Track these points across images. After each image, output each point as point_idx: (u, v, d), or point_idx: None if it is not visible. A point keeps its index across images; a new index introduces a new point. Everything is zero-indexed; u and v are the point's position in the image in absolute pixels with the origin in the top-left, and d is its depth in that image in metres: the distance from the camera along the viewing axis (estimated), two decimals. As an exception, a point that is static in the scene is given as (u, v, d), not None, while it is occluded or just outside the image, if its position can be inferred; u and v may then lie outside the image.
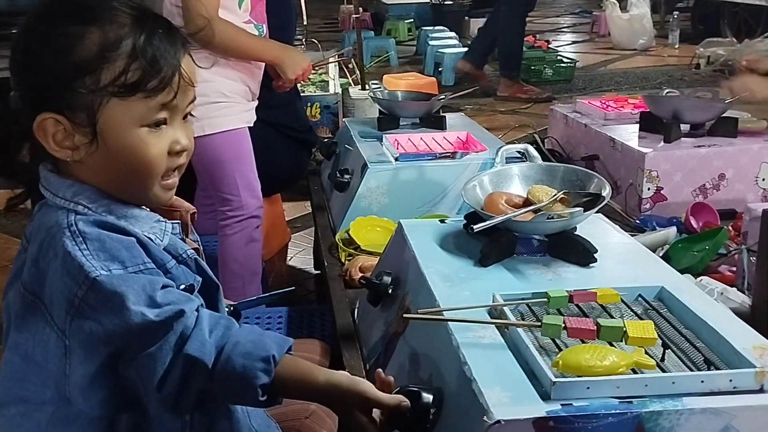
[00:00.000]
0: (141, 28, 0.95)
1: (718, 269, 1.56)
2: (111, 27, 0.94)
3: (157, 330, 0.88)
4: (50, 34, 0.93)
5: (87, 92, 0.92)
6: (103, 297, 0.88)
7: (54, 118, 0.93)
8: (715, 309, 1.07)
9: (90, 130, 0.94)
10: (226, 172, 2.02)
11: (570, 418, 0.82)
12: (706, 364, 0.93)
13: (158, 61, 0.95)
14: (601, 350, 0.90)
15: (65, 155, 0.95)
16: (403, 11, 8.59)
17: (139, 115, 0.95)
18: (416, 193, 1.82)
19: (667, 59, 6.93)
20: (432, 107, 2.21)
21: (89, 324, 0.88)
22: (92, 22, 0.93)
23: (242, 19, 1.99)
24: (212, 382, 0.89)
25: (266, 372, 0.90)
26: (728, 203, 1.90)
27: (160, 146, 0.97)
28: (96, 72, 0.92)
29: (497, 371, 0.91)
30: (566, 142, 2.39)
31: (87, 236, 0.91)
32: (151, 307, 0.88)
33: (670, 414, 0.84)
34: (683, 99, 2.24)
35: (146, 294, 0.88)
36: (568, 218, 1.23)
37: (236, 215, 2.04)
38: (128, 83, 0.93)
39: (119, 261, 0.90)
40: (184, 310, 0.90)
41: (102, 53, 0.92)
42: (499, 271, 1.20)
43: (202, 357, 0.88)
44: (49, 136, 0.94)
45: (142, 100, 0.94)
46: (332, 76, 4.24)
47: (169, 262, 0.98)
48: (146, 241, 0.96)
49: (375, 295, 1.29)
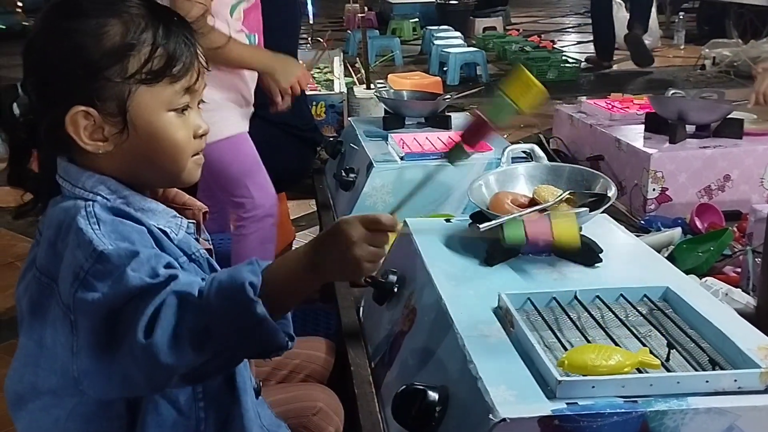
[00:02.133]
0: (157, 19, 0.98)
1: (723, 270, 1.56)
2: (130, 18, 0.96)
3: (156, 290, 0.86)
4: (68, 30, 0.95)
5: (116, 82, 0.94)
6: (110, 267, 0.88)
7: (85, 111, 0.94)
8: (719, 309, 1.08)
9: (120, 120, 0.96)
10: (234, 177, 2.02)
11: (575, 417, 0.83)
12: (711, 365, 0.93)
13: (179, 47, 0.98)
14: (607, 350, 0.90)
15: (96, 147, 0.96)
16: (408, 10, 8.60)
17: (166, 99, 0.98)
18: (422, 193, 1.81)
19: (673, 60, 6.92)
20: (437, 107, 2.21)
21: (91, 294, 0.87)
22: (110, 14, 0.96)
23: (234, 29, 1.97)
24: (204, 314, 0.85)
25: (252, 272, 0.87)
26: (733, 204, 1.90)
27: (186, 130, 1.01)
28: (123, 61, 0.94)
29: (502, 370, 0.91)
30: (571, 143, 2.39)
31: (101, 219, 0.93)
32: (151, 277, 0.87)
33: (674, 413, 0.84)
34: (689, 100, 2.24)
35: (150, 266, 0.88)
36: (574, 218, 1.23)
37: (252, 215, 2.04)
38: (154, 69, 0.96)
39: (129, 241, 0.91)
40: (178, 274, 0.89)
41: (126, 43, 0.95)
42: (504, 271, 1.21)
43: (188, 289, 0.86)
44: (81, 129, 0.95)
45: (168, 85, 0.98)
46: (337, 75, 4.25)
47: (180, 258, 0.98)
48: (159, 235, 0.96)
49: (380, 294, 1.30)
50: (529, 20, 10.01)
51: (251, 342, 0.88)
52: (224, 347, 0.86)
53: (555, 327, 1.03)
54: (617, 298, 1.10)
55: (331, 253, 0.91)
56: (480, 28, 8.10)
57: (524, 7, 11.16)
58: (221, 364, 0.90)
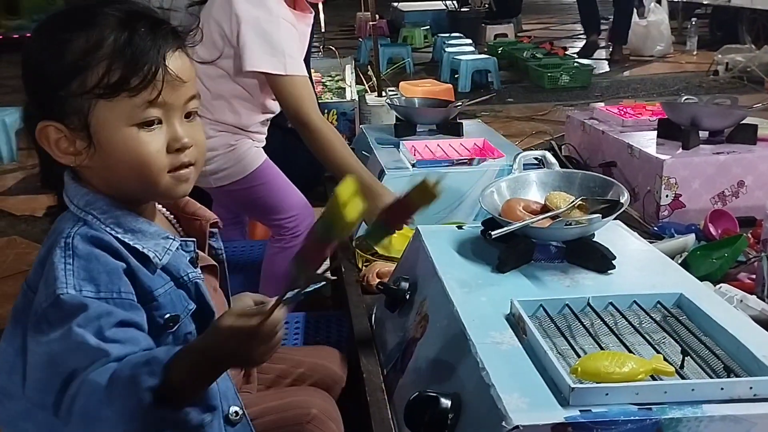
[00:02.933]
0: (123, 28, 0.96)
1: (738, 277, 1.55)
2: (94, 30, 0.95)
3: (90, 356, 0.88)
4: (45, 43, 0.96)
5: (76, 96, 0.94)
6: (60, 315, 0.90)
7: (54, 126, 0.95)
8: (734, 316, 1.07)
9: (85, 134, 0.96)
10: (271, 205, 2.03)
11: (589, 424, 0.82)
12: (726, 372, 0.92)
13: (138, 59, 0.95)
14: (620, 357, 0.90)
15: (69, 161, 0.97)
16: (419, 18, 8.62)
17: (125, 114, 0.96)
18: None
19: (685, 66, 6.89)
20: (449, 114, 2.22)
21: (38, 338, 0.90)
22: (80, 28, 0.95)
23: (271, 97, 1.97)
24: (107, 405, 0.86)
25: (150, 374, 0.86)
26: (747, 210, 1.89)
27: (155, 144, 0.97)
28: (81, 75, 0.94)
29: (515, 377, 0.91)
30: (583, 149, 2.39)
31: (76, 252, 0.93)
32: (95, 336, 0.88)
33: (689, 421, 0.83)
34: (702, 106, 2.23)
35: (98, 324, 0.89)
36: (587, 225, 1.23)
37: (294, 232, 2.03)
38: (111, 83, 0.94)
39: (95, 284, 0.92)
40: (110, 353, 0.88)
41: (85, 56, 0.94)
42: (516, 278, 1.20)
43: (99, 379, 0.86)
44: (52, 143, 0.96)
45: (126, 99, 0.95)
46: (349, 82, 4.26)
47: (157, 289, 0.97)
48: (136, 267, 0.96)
49: (392, 301, 1.30)
50: (541, 27, 10.00)
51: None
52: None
53: (568, 334, 1.02)
54: (630, 305, 1.09)
55: (222, 356, 0.89)
56: (491, 35, 8.10)
57: (535, 14, 11.16)
58: None
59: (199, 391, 0.90)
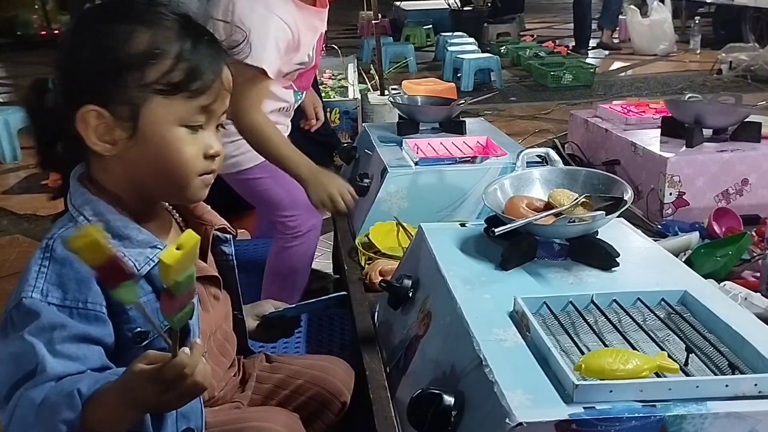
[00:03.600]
0: (187, 34, 1.00)
1: (742, 275, 1.54)
2: (159, 29, 0.98)
3: (34, 364, 0.88)
4: (99, 31, 0.97)
5: (131, 87, 0.96)
6: (19, 318, 0.92)
7: (97, 111, 0.96)
8: (739, 313, 1.06)
9: (131, 125, 0.97)
10: (276, 199, 2.05)
11: (593, 421, 0.82)
12: (731, 369, 0.92)
13: (202, 66, 0.99)
14: (624, 354, 0.89)
15: (104, 149, 0.98)
16: (421, 17, 8.62)
17: (179, 114, 0.99)
18: (436, 198, 1.82)
19: (689, 65, 6.89)
20: (451, 112, 2.21)
21: (2, 334, 0.93)
22: (141, 22, 0.98)
23: (282, 85, 2.01)
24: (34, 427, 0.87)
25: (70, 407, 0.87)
26: (751, 208, 1.88)
27: (196, 147, 1.01)
28: (142, 69, 0.96)
29: (519, 374, 0.91)
30: (587, 147, 2.38)
31: (54, 256, 0.95)
32: (45, 346, 0.90)
33: (694, 418, 0.83)
34: (706, 103, 2.23)
35: (49, 336, 0.90)
36: (590, 222, 1.22)
37: (297, 231, 2.06)
38: (172, 82, 0.97)
39: (62, 291, 0.93)
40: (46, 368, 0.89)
41: (149, 52, 0.96)
42: (520, 275, 1.20)
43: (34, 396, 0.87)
44: (90, 128, 0.97)
45: (184, 101, 0.99)
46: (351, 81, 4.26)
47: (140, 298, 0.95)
48: None
49: (395, 299, 1.29)
50: (543, 26, 10.00)
51: None
52: None
53: (572, 331, 1.02)
54: (634, 302, 1.09)
55: (137, 398, 0.88)
56: (494, 34, 8.10)
57: (538, 12, 11.15)
58: None
59: (120, 429, 0.90)
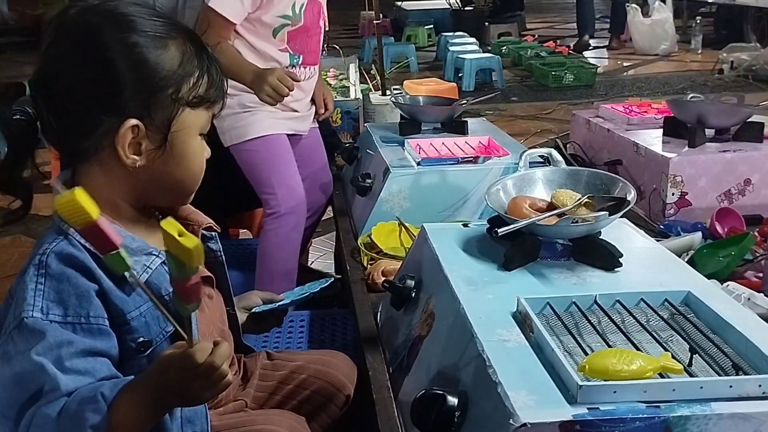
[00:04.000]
0: (198, 46, 1.03)
1: (744, 275, 1.54)
2: (182, 42, 1.01)
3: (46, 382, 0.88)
4: (135, 44, 0.97)
5: (169, 101, 0.99)
6: (22, 338, 0.91)
7: (134, 125, 0.97)
8: (742, 314, 1.06)
9: (161, 137, 1.00)
10: (262, 175, 2.12)
11: (597, 422, 0.82)
12: (735, 369, 0.92)
13: (216, 75, 1.04)
14: (628, 354, 0.89)
15: (133, 162, 1.00)
16: (423, 17, 8.62)
17: (201, 123, 1.04)
18: (438, 198, 1.82)
19: (690, 64, 6.88)
20: (453, 112, 2.21)
21: (5, 355, 0.91)
22: (167, 36, 1.00)
23: (277, 47, 2.10)
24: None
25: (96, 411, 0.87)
26: (754, 209, 1.88)
27: (206, 153, 1.07)
28: (179, 83, 0.99)
29: (523, 374, 0.91)
30: (589, 148, 2.38)
31: (49, 272, 0.94)
32: (54, 364, 0.89)
33: (698, 419, 0.83)
34: (708, 103, 2.22)
35: (57, 353, 0.90)
36: (593, 222, 1.22)
37: (274, 211, 2.11)
38: (199, 95, 1.01)
39: (63, 307, 0.92)
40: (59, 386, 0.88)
41: (183, 66, 1.00)
42: (523, 275, 1.20)
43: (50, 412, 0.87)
44: (127, 141, 0.98)
45: (205, 110, 1.04)
46: (353, 81, 4.26)
47: (131, 312, 0.97)
48: (109, 288, 0.95)
49: (398, 299, 1.29)
50: (545, 26, 9.99)
51: None
52: None
53: (575, 331, 1.02)
54: (638, 303, 1.09)
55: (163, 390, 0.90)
56: (495, 34, 8.10)
57: (539, 12, 11.14)
58: None
59: (145, 428, 0.91)
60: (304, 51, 2.17)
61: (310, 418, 1.26)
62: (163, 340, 1.00)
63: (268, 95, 1.97)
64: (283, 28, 2.09)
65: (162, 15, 1.04)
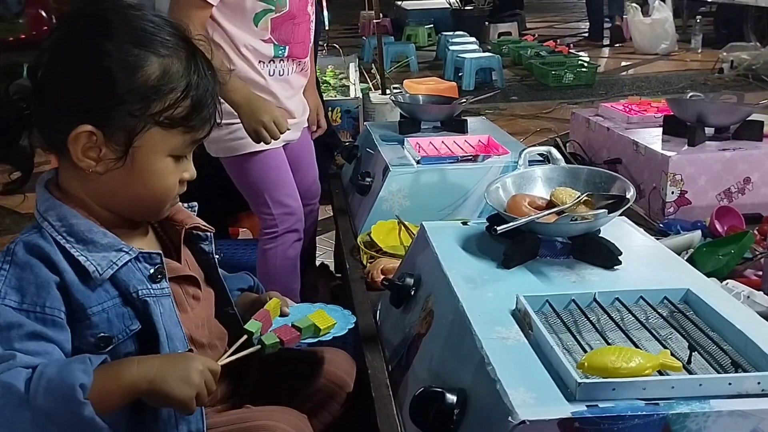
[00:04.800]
0: (194, 67, 1.00)
1: (744, 273, 1.55)
2: (170, 60, 0.98)
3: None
4: (105, 52, 0.95)
5: (133, 116, 0.96)
6: None
7: (91, 131, 0.96)
8: (741, 312, 1.06)
9: (122, 149, 0.98)
10: (257, 192, 2.01)
11: (596, 419, 0.82)
12: (734, 367, 0.92)
13: (203, 103, 1.00)
14: (627, 352, 0.89)
15: (87, 165, 0.98)
16: (423, 17, 8.61)
17: (173, 146, 1.00)
18: (438, 196, 1.82)
19: (690, 64, 6.88)
20: (453, 111, 2.21)
21: None
22: (152, 50, 0.97)
23: (260, 37, 1.90)
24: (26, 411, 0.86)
25: (84, 372, 0.88)
26: (754, 207, 1.88)
27: (177, 175, 1.03)
28: (148, 100, 0.96)
29: (522, 372, 0.91)
30: (588, 146, 2.38)
31: (15, 260, 0.96)
32: (1, 346, 0.90)
33: (697, 416, 0.83)
34: (708, 102, 2.22)
35: (5, 335, 0.91)
36: (592, 220, 1.22)
37: (272, 231, 2.02)
38: (174, 117, 0.98)
39: (21, 294, 0.93)
40: (16, 356, 0.89)
41: (159, 85, 0.97)
42: (522, 273, 1.20)
43: (12, 380, 0.87)
44: (80, 146, 0.97)
45: (180, 134, 1.00)
46: (353, 80, 4.26)
47: (92, 307, 0.97)
48: (72, 282, 0.96)
49: (397, 297, 1.29)
50: (545, 25, 9.98)
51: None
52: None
53: (574, 329, 1.02)
54: (637, 300, 1.09)
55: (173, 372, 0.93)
56: (495, 34, 8.09)
57: (539, 12, 11.14)
58: None
59: (114, 407, 0.92)
60: (290, 41, 1.96)
61: (312, 416, 1.26)
62: (126, 338, 1.00)
63: (256, 133, 1.82)
64: (265, 15, 1.88)
65: (166, 28, 1.00)
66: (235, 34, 1.88)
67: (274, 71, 1.97)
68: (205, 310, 1.19)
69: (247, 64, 1.92)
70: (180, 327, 1.05)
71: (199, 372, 0.95)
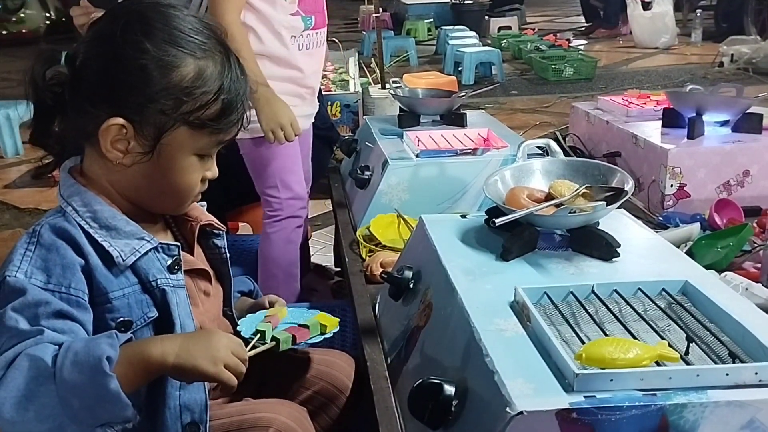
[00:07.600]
0: (228, 71, 1.02)
1: (743, 266, 1.54)
2: (205, 63, 1.00)
3: (19, 338, 0.89)
4: (146, 51, 0.97)
5: (164, 114, 0.98)
6: (2, 293, 0.93)
7: (122, 124, 0.98)
8: (739, 303, 1.06)
9: (150, 144, 1.00)
10: (268, 174, 2.05)
11: (593, 410, 0.82)
12: (731, 358, 0.92)
13: (233, 106, 1.02)
14: (625, 343, 0.89)
15: (115, 157, 1.00)
16: (422, 11, 8.61)
17: (199, 145, 1.03)
18: (437, 190, 1.82)
19: (690, 57, 6.87)
20: (452, 104, 2.21)
21: None
22: (189, 51, 0.99)
23: (288, 11, 1.97)
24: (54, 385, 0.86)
25: (111, 346, 0.89)
26: (753, 200, 1.88)
27: (200, 173, 1.06)
28: (180, 100, 0.98)
29: (519, 363, 0.91)
30: (588, 140, 2.38)
31: (41, 241, 0.97)
32: (29, 322, 0.91)
33: (694, 407, 0.83)
34: (707, 95, 2.22)
35: (33, 311, 0.91)
36: (591, 212, 1.22)
37: (276, 215, 2.06)
38: (203, 118, 1.00)
39: (47, 275, 0.94)
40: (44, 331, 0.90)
41: (192, 87, 0.99)
42: (520, 266, 1.20)
43: (41, 354, 0.87)
44: (110, 137, 0.99)
45: (208, 135, 1.02)
46: (352, 75, 4.26)
47: (114, 291, 0.99)
48: (96, 265, 0.98)
49: (396, 290, 1.30)
50: (545, 19, 9.98)
51: (98, 415, 0.89)
52: (70, 418, 0.87)
53: (572, 321, 1.02)
54: (635, 292, 1.09)
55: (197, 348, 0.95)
56: (495, 28, 8.09)
57: (539, 6, 11.12)
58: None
59: (137, 385, 0.94)
60: (315, 11, 2.04)
61: (311, 417, 1.26)
62: (143, 325, 1.02)
63: (272, 133, 1.88)
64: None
65: (204, 31, 1.02)
66: (271, 14, 1.93)
67: (302, 45, 2.04)
68: (215, 306, 1.20)
69: (280, 42, 1.97)
70: (192, 319, 1.07)
71: (225, 345, 0.97)
